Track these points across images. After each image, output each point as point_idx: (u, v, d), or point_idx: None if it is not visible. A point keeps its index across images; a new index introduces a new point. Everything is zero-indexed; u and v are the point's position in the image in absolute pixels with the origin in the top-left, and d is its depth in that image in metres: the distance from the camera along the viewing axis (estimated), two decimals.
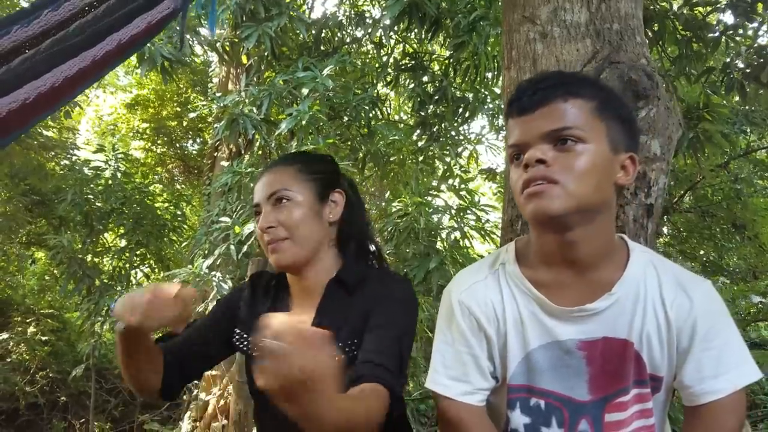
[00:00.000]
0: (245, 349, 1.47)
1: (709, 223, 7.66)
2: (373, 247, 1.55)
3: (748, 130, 6.80)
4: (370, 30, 5.57)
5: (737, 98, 4.59)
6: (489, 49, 4.92)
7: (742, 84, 4.15)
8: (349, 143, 5.14)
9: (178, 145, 9.40)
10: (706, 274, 7.56)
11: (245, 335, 1.48)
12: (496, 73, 5.31)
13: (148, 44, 4.35)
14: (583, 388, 1.18)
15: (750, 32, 4.28)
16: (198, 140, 9.47)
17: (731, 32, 4.14)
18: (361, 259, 1.50)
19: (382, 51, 6.04)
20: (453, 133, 5.91)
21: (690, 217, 7.74)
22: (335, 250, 1.46)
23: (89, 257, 5.93)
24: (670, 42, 4.18)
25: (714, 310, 1.15)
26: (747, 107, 6.03)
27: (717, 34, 4.15)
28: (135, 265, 6.26)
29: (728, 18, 4.54)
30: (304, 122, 3.95)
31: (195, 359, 1.47)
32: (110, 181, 5.85)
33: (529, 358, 1.19)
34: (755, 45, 4.21)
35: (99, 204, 5.73)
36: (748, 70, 4.13)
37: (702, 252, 8.47)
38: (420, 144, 5.67)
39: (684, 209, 7.57)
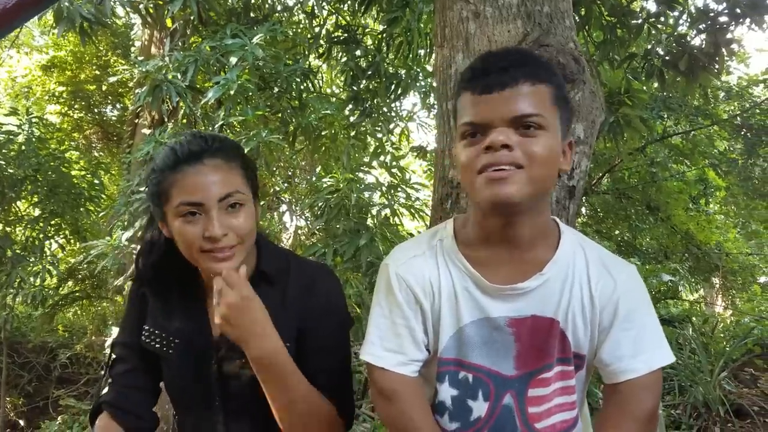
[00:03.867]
0: (156, 346, 1.41)
1: (624, 204, 8.01)
2: None
3: (665, 116, 7.11)
4: None
5: (656, 84, 4.78)
6: (422, 26, 4.91)
7: (661, 71, 4.31)
8: (280, 115, 5.03)
9: (96, 110, 8.97)
10: (620, 254, 7.92)
11: (156, 331, 1.41)
12: (428, 50, 5.32)
13: (67, 3, 4.11)
14: (510, 364, 1.22)
15: (671, 21, 4.44)
16: (118, 106, 9.07)
17: (653, 20, 4.29)
18: (273, 247, 1.46)
19: (314, 21, 5.92)
20: (385, 109, 5.89)
21: (607, 198, 8.07)
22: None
23: (0, 226, 5.68)
24: (596, 27, 4.29)
25: (636, 294, 1.21)
26: (665, 93, 6.30)
27: (640, 21, 4.28)
28: (49, 235, 6.02)
29: (651, 6, 4.70)
30: (232, 92, 3.83)
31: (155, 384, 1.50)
32: (24, 147, 5.58)
33: (461, 333, 1.22)
34: (675, 33, 4.37)
35: (11, 170, 5.47)
36: (667, 58, 4.29)
37: (617, 232, 8.87)
38: (352, 119, 5.62)
39: (602, 191, 7.88)
